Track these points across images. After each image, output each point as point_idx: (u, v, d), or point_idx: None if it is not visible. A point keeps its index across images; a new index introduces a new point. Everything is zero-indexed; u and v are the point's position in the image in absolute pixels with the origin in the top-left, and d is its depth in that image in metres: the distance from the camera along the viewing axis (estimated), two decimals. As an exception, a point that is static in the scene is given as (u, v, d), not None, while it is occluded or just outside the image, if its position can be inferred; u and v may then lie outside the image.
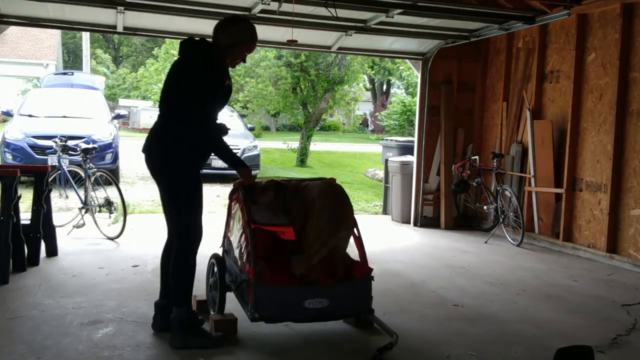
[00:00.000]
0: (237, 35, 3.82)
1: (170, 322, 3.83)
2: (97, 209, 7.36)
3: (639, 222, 6.40)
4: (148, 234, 7.43)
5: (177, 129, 3.75)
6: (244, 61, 3.98)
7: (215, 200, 10.87)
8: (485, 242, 7.74)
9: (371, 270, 4.05)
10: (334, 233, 3.89)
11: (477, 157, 8.34)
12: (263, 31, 7.70)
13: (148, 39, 36.06)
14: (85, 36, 26.28)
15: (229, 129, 4.21)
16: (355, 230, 4.18)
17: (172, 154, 3.76)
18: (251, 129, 15.88)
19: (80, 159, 7.37)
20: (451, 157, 8.80)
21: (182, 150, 3.74)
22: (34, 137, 10.96)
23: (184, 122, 3.71)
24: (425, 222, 8.87)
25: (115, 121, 13.18)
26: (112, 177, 7.44)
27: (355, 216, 4.33)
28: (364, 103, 33.42)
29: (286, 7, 6.29)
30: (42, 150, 10.50)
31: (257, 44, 4.22)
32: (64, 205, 8.07)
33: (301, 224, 4.06)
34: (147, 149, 3.85)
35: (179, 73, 3.78)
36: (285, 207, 4.19)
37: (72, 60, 41.86)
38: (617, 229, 6.65)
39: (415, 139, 9.00)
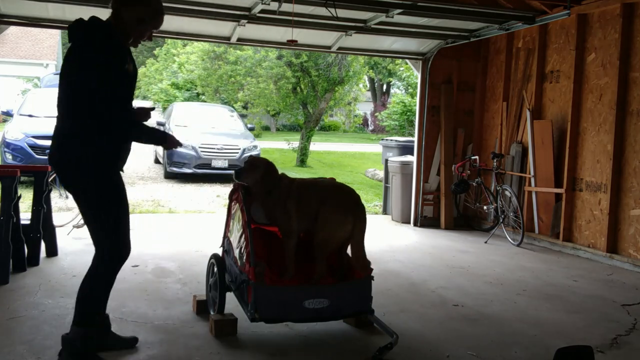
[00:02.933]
0: (142, 10, 3.34)
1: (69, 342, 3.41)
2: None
3: (639, 222, 6.40)
4: (148, 234, 7.44)
5: (81, 130, 3.24)
6: (150, 39, 3.53)
7: (215, 200, 10.87)
8: (485, 242, 7.74)
9: (371, 270, 4.05)
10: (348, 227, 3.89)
11: (477, 157, 8.34)
12: (263, 31, 7.74)
13: (148, 39, 36.01)
14: (85, 36, 26.27)
15: (153, 108, 3.79)
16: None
17: (80, 160, 3.26)
18: (251, 129, 15.89)
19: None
20: (451, 157, 8.80)
21: (90, 155, 3.25)
22: (34, 137, 10.97)
23: (87, 122, 3.22)
24: (425, 222, 8.87)
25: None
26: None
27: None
28: (364, 103, 33.43)
29: (286, 7, 6.29)
30: (42, 150, 10.52)
31: (257, 44, 4.12)
32: (64, 205, 8.07)
33: (307, 226, 3.97)
34: (52, 159, 3.33)
35: (72, 65, 3.24)
36: (270, 193, 4.01)
37: (72, 60, 41.82)
38: (617, 229, 6.65)
39: (415, 139, 9.00)
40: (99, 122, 3.23)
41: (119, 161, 3.45)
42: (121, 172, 3.50)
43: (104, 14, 7.04)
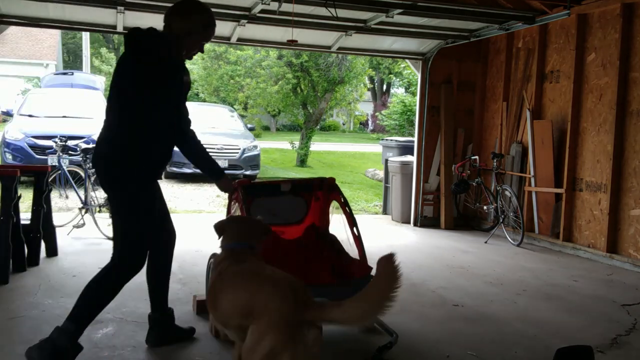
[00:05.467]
0: (192, 23, 3.34)
1: (176, 330, 3.75)
2: (97, 209, 7.36)
3: (639, 222, 6.40)
4: (148, 234, 7.42)
5: (134, 138, 3.29)
6: (202, 51, 3.54)
7: (215, 200, 10.87)
8: (485, 242, 7.74)
9: (371, 269, 4.05)
10: None
11: (477, 157, 8.34)
12: (263, 31, 7.74)
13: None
14: (85, 36, 26.25)
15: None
16: (354, 229, 4.18)
17: (126, 165, 3.31)
18: (251, 129, 15.88)
19: (80, 159, 7.37)
20: (451, 157, 8.80)
21: (138, 162, 3.32)
22: (34, 137, 10.96)
23: (140, 130, 3.28)
24: (425, 222, 8.87)
25: (115, 121, 13.15)
26: (112, 177, 7.42)
27: (356, 216, 4.34)
28: (364, 103, 33.42)
29: (286, 7, 6.29)
30: (42, 150, 10.50)
31: (257, 44, 4.12)
32: (64, 205, 8.07)
33: None
34: (100, 160, 3.37)
35: (130, 75, 3.28)
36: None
37: (72, 60, 41.84)
38: (617, 229, 6.65)
39: (415, 139, 9.01)
40: (152, 132, 3.30)
41: (160, 170, 3.51)
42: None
43: (104, 14, 7.09)
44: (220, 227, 3.12)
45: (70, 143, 7.96)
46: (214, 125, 14.47)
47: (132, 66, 3.28)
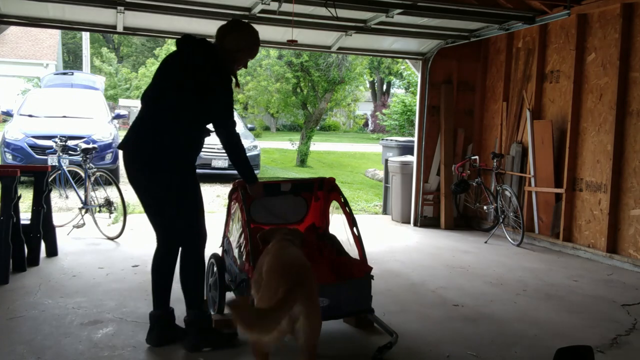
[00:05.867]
0: (243, 40, 3.75)
1: (173, 331, 3.82)
2: (97, 209, 7.36)
3: (639, 222, 6.40)
4: (148, 234, 7.40)
5: (188, 139, 3.71)
6: (245, 67, 3.92)
7: (215, 200, 10.87)
8: (485, 242, 7.74)
9: (371, 269, 4.06)
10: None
11: (477, 157, 8.34)
12: (263, 31, 7.67)
13: (148, 38, 36.05)
14: (85, 36, 26.28)
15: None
16: (354, 229, 4.18)
17: (184, 159, 3.72)
18: (251, 129, 15.88)
19: (80, 159, 7.37)
20: (451, 157, 8.80)
21: (192, 159, 3.76)
22: (34, 137, 10.96)
23: (193, 134, 3.72)
24: (425, 222, 8.87)
25: (115, 121, 13.18)
26: (112, 177, 7.43)
27: (355, 216, 4.34)
28: (364, 103, 33.42)
29: (286, 7, 6.29)
30: (42, 150, 10.50)
31: (257, 44, 4.17)
32: (64, 205, 8.07)
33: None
34: (154, 147, 3.65)
35: (202, 81, 3.62)
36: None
37: (72, 60, 41.85)
38: (617, 229, 6.65)
39: (415, 139, 9.00)
40: (205, 130, 3.76)
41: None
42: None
43: (104, 14, 7.09)
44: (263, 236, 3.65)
45: (70, 143, 7.96)
46: (214, 125, 14.43)
47: (201, 72, 3.61)
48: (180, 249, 3.80)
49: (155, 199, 3.75)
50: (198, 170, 3.91)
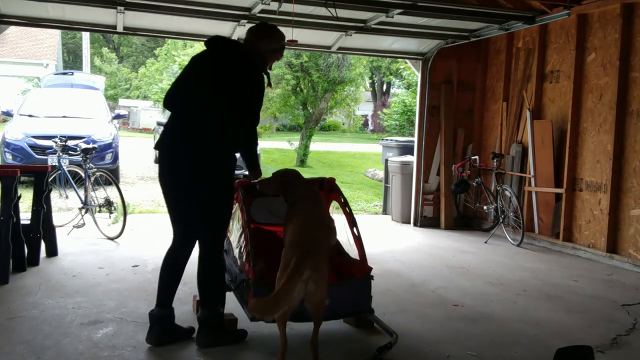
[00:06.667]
0: (275, 43, 3.91)
1: (173, 330, 3.85)
2: (97, 209, 7.36)
3: (639, 222, 6.40)
4: (148, 234, 7.44)
5: (230, 138, 3.74)
6: (271, 68, 4.05)
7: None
8: (485, 242, 7.74)
9: (371, 269, 4.06)
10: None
11: (477, 157, 8.34)
12: (263, 31, 7.73)
13: (148, 38, 36.04)
14: (85, 36, 26.31)
15: None
16: (354, 229, 4.18)
17: (228, 162, 3.75)
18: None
19: (80, 159, 7.37)
20: (451, 157, 8.80)
21: (232, 158, 3.77)
22: (34, 137, 10.96)
23: (231, 130, 3.73)
24: (425, 222, 8.87)
25: (115, 121, 13.18)
26: (112, 177, 7.43)
27: (355, 216, 4.34)
28: (364, 103, 33.36)
29: (286, 7, 6.30)
30: (42, 150, 10.50)
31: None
32: (64, 205, 8.07)
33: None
34: (201, 148, 3.68)
35: (245, 81, 3.73)
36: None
37: (72, 60, 41.87)
38: (617, 229, 6.65)
39: (415, 139, 9.01)
40: (253, 132, 3.89)
41: None
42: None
43: (104, 14, 7.09)
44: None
45: (70, 143, 7.96)
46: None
47: (242, 73, 3.73)
48: (199, 248, 3.89)
49: (197, 194, 3.74)
50: None
